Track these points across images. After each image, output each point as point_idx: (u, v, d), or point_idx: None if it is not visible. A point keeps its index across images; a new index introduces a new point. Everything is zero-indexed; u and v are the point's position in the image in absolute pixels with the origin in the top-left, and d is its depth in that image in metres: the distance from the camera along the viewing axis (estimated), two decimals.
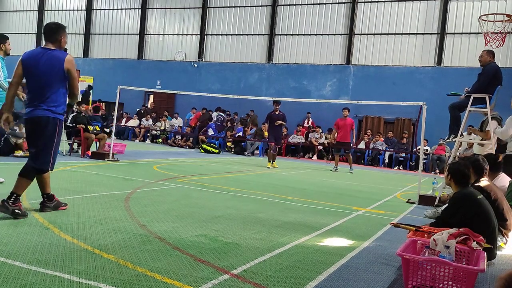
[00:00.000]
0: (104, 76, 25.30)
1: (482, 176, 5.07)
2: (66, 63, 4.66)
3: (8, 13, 29.58)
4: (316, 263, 3.89)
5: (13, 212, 4.52)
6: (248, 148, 19.29)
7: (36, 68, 4.64)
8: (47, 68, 4.62)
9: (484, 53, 7.66)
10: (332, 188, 9.74)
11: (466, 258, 3.63)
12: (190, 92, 19.22)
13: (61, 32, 4.86)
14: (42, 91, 4.65)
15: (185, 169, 11.20)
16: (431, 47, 19.69)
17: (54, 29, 4.82)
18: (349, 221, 6.06)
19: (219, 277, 3.31)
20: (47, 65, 4.63)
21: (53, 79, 4.64)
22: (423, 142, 9.75)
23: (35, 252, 3.50)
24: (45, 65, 4.63)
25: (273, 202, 7.04)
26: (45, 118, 4.66)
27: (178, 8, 24.87)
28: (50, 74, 4.63)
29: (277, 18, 22.51)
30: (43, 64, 4.63)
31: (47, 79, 4.63)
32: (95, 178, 7.97)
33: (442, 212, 4.73)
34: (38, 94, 4.66)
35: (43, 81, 4.64)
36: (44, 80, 4.64)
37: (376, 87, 19.91)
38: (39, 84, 4.65)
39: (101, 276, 3.12)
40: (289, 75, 22.09)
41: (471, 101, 7.47)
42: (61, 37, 4.84)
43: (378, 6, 20.65)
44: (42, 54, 4.67)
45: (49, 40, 4.80)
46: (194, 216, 5.44)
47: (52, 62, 4.64)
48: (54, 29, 4.82)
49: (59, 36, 4.82)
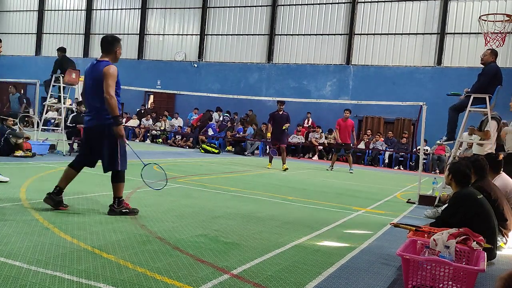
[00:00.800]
0: None
1: (483, 176, 5.07)
2: (103, 72, 4.88)
3: (8, 13, 29.57)
4: (316, 263, 3.89)
5: (121, 213, 5.04)
6: (248, 148, 19.29)
7: (88, 80, 5.02)
8: (94, 80, 4.94)
9: (487, 52, 7.65)
10: (332, 188, 9.74)
11: (466, 258, 3.63)
12: (190, 92, 19.24)
13: (117, 45, 5.16)
14: (93, 100, 4.98)
15: (185, 169, 11.19)
16: (431, 47, 19.68)
17: (110, 42, 5.14)
18: (349, 221, 6.06)
19: (219, 277, 3.31)
20: (94, 76, 4.95)
21: (98, 88, 4.89)
22: (423, 142, 9.75)
23: (35, 252, 3.50)
24: (93, 76, 4.97)
25: (273, 202, 7.04)
26: (99, 126, 4.97)
27: (178, 8, 24.86)
28: (95, 84, 4.92)
29: (277, 18, 22.51)
30: (92, 75, 4.97)
31: (93, 89, 4.94)
32: (95, 178, 7.96)
33: (442, 212, 4.73)
34: (90, 104, 5.04)
35: (92, 91, 4.97)
36: (93, 91, 4.96)
37: (376, 87, 19.91)
38: (90, 94, 5.01)
39: (101, 276, 3.12)
40: (289, 75, 22.09)
41: (471, 101, 7.47)
42: (116, 49, 5.15)
43: (378, 6, 20.64)
44: (93, 66, 5.02)
45: (104, 52, 5.10)
46: (194, 216, 5.44)
47: (97, 73, 4.93)
48: (110, 41, 5.14)
49: (114, 48, 5.13)
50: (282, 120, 12.87)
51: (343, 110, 14.37)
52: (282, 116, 12.88)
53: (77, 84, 12.42)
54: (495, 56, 7.60)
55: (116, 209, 5.06)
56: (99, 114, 4.96)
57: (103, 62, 4.98)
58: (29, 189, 6.17)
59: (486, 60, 7.59)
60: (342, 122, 14.15)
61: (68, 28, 27.63)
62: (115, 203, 5.08)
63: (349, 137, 14.20)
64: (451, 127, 7.85)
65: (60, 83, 11.82)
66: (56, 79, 11.89)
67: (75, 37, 27.33)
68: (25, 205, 5.14)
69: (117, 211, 5.05)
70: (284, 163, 12.87)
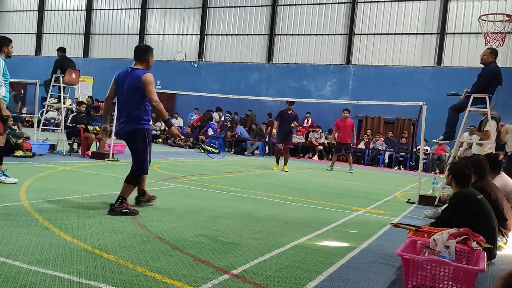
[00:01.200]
0: (104, 76, 25.26)
1: (483, 176, 5.07)
2: (142, 80, 5.09)
3: (8, 13, 29.58)
4: (316, 263, 3.89)
5: (121, 212, 5.06)
6: (248, 148, 19.29)
7: (122, 86, 5.22)
8: (130, 86, 5.16)
9: (487, 52, 7.65)
10: (332, 188, 9.73)
11: (466, 258, 3.63)
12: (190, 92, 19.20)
13: (149, 54, 5.36)
14: (126, 106, 5.22)
15: (185, 169, 11.19)
16: (431, 47, 19.69)
17: (144, 51, 5.34)
18: (349, 221, 6.06)
19: (219, 277, 3.31)
20: (130, 83, 5.16)
21: (134, 95, 5.15)
22: (423, 142, 9.75)
23: (35, 252, 3.50)
24: (128, 83, 5.17)
25: (273, 202, 7.04)
26: (133, 130, 5.21)
27: (178, 8, 24.87)
28: (131, 90, 5.15)
29: (277, 18, 22.51)
30: (127, 82, 5.18)
31: (129, 95, 5.17)
32: (95, 178, 7.97)
33: (442, 212, 4.73)
34: (124, 110, 5.26)
35: (126, 97, 5.20)
36: (127, 97, 5.19)
37: (376, 87, 19.92)
38: (124, 100, 5.23)
39: (101, 276, 3.12)
40: (289, 75, 22.09)
41: (471, 101, 7.48)
42: (149, 57, 5.35)
43: (378, 6, 20.64)
44: (128, 73, 5.22)
45: (138, 60, 5.31)
46: (194, 216, 5.44)
47: (133, 80, 5.15)
48: (144, 50, 5.35)
49: (147, 57, 5.33)
50: (290, 119, 12.78)
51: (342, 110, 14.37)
52: (290, 116, 12.79)
53: (77, 84, 12.42)
54: (494, 56, 7.59)
55: (116, 209, 5.08)
56: (135, 119, 5.20)
57: (140, 70, 5.20)
58: (29, 189, 6.17)
59: (485, 60, 7.59)
60: (341, 122, 14.14)
61: (68, 28, 27.64)
62: (117, 202, 5.11)
63: (349, 137, 14.18)
64: (449, 127, 7.85)
65: (60, 83, 11.81)
66: (56, 79, 11.89)
67: (75, 37, 27.34)
68: (25, 205, 5.14)
69: (117, 210, 5.07)
70: (286, 163, 12.83)
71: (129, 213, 5.10)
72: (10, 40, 6.72)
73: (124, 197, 5.16)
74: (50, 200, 5.59)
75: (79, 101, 12.53)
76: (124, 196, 5.17)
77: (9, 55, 6.64)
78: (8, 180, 6.44)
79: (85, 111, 12.61)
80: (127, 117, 5.23)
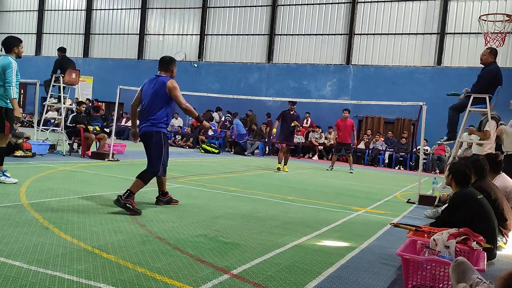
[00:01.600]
0: (104, 76, 25.31)
1: (483, 176, 5.07)
2: (167, 87, 5.56)
3: (8, 13, 29.58)
4: (316, 263, 3.89)
5: (125, 206, 5.19)
6: (248, 148, 19.29)
7: (147, 92, 5.67)
8: (154, 91, 5.60)
9: (486, 52, 7.63)
10: (332, 188, 9.73)
11: (466, 258, 3.63)
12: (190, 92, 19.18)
13: (173, 64, 5.87)
14: (149, 110, 5.62)
15: (185, 169, 11.19)
16: (431, 47, 19.69)
17: (168, 61, 5.84)
18: (349, 221, 6.06)
19: (219, 277, 3.31)
20: (155, 89, 5.61)
21: (158, 100, 5.59)
22: (423, 142, 9.75)
23: (35, 252, 3.50)
24: (154, 88, 5.62)
25: (273, 202, 7.04)
26: (150, 132, 5.57)
27: (178, 8, 24.87)
28: (156, 95, 5.59)
29: (277, 18, 22.51)
30: (152, 88, 5.63)
31: (153, 100, 5.60)
32: (95, 178, 7.97)
33: (442, 212, 4.73)
34: (146, 113, 5.64)
35: (150, 102, 5.62)
36: (151, 101, 5.61)
37: (376, 87, 19.91)
38: (148, 104, 5.63)
39: (101, 276, 3.12)
40: (289, 75, 22.09)
41: (471, 101, 7.47)
42: (172, 68, 5.84)
43: (378, 6, 20.64)
44: (153, 80, 5.70)
45: (162, 70, 5.79)
46: (194, 216, 5.44)
47: (158, 86, 5.60)
48: (168, 61, 5.84)
49: (171, 67, 5.82)
50: (292, 119, 12.80)
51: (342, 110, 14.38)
52: (292, 116, 12.80)
53: (77, 84, 12.42)
54: (494, 56, 7.58)
55: (121, 200, 5.20)
56: (154, 122, 5.58)
57: (165, 77, 5.67)
58: (29, 189, 6.17)
59: (485, 60, 7.58)
60: (341, 122, 14.19)
61: (68, 28, 27.64)
62: (124, 195, 5.24)
63: (349, 137, 14.23)
64: (451, 127, 7.85)
65: (60, 83, 11.82)
66: (56, 79, 11.89)
67: (75, 37, 27.33)
68: (25, 205, 5.14)
69: (122, 203, 5.18)
70: (286, 164, 12.82)
71: (131, 210, 5.16)
72: (20, 40, 6.67)
73: (132, 191, 5.30)
74: (50, 200, 5.59)
75: (79, 101, 12.53)
76: (133, 190, 5.32)
77: (19, 55, 6.60)
78: (8, 180, 6.44)
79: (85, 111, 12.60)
80: (148, 119, 5.60)
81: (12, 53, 6.47)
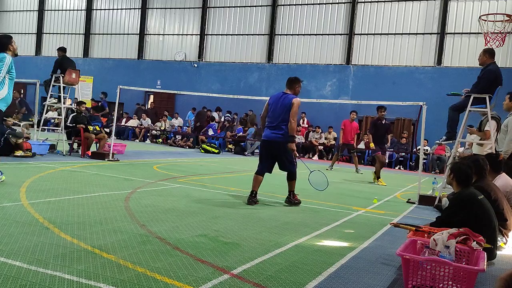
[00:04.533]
0: (104, 76, 25.30)
1: (483, 176, 5.07)
2: (292, 102, 6.56)
3: (8, 13, 29.57)
4: (316, 263, 3.89)
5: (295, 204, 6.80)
6: (248, 148, 19.29)
7: (275, 106, 6.70)
8: (282, 106, 6.63)
9: (481, 53, 7.63)
10: (332, 188, 9.71)
11: (466, 258, 3.63)
12: (190, 92, 19.21)
13: (298, 83, 6.88)
14: (277, 122, 6.63)
15: (185, 169, 11.19)
16: (431, 47, 19.68)
17: (294, 81, 6.86)
18: (349, 221, 6.06)
19: (219, 277, 3.31)
20: (282, 104, 6.63)
21: (284, 113, 6.59)
22: (423, 142, 9.74)
23: (35, 252, 3.50)
24: (281, 104, 6.64)
25: (273, 202, 7.04)
26: (278, 141, 6.65)
27: (178, 8, 24.86)
28: (282, 109, 6.60)
29: (277, 18, 22.50)
30: (280, 103, 6.66)
31: (280, 113, 6.61)
32: (95, 178, 7.96)
33: (443, 212, 4.73)
34: (275, 124, 6.65)
35: (278, 114, 6.64)
36: (278, 114, 6.64)
37: (376, 87, 19.90)
38: (275, 117, 6.65)
39: (101, 276, 3.12)
40: (289, 75, 21.58)
41: (471, 101, 7.47)
42: (297, 86, 6.86)
43: (378, 6, 20.64)
44: (281, 97, 6.71)
45: (288, 87, 6.81)
46: (194, 216, 5.44)
47: (285, 102, 6.61)
48: (294, 81, 6.87)
49: (296, 86, 6.85)
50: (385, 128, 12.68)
51: (343, 110, 14.44)
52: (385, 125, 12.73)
53: (77, 84, 12.42)
54: (491, 55, 7.51)
55: (292, 200, 6.75)
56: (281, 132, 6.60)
57: (291, 95, 6.68)
58: (29, 189, 6.17)
59: (482, 62, 7.56)
60: (348, 123, 14.32)
61: (68, 28, 27.63)
62: (291, 195, 6.77)
63: (354, 138, 14.38)
64: (451, 127, 7.85)
65: (60, 83, 11.81)
66: (56, 79, 11.88)
67: (75, 37, 27.32)
68: (25, 205, 5.14)
69: (292, 201, 6.73)
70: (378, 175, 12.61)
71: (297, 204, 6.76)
72: (10, 36, 6.71)
73: (292, 190, 6.80)
74: (50, 200, 5.59)
75: (79, 101, 12.52)
76: (292, 189, 6.81)
77: (15, 53, 6.62)
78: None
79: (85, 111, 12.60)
80: (276, 129, 6.63)
81: (8, 51, 6.50)
